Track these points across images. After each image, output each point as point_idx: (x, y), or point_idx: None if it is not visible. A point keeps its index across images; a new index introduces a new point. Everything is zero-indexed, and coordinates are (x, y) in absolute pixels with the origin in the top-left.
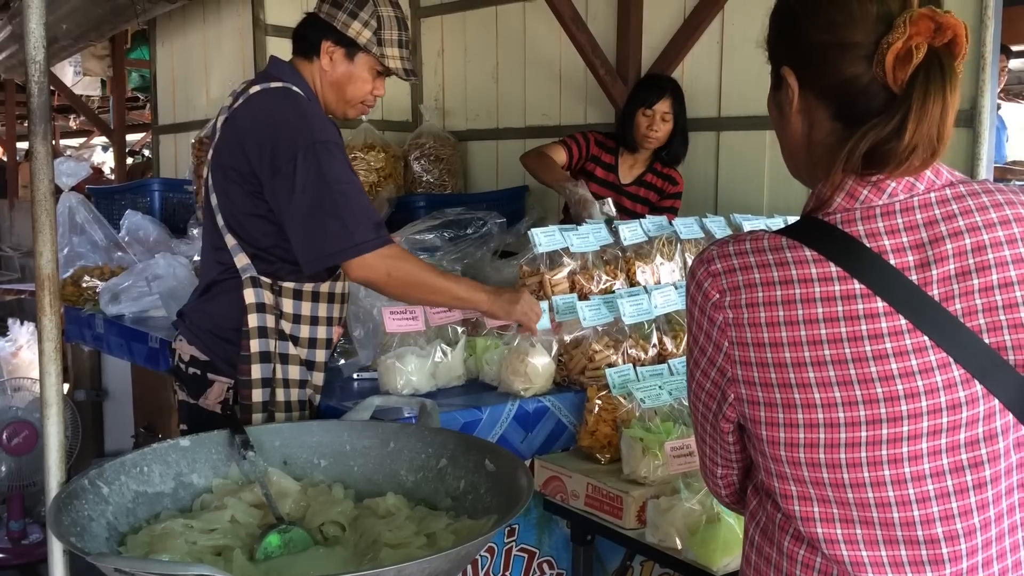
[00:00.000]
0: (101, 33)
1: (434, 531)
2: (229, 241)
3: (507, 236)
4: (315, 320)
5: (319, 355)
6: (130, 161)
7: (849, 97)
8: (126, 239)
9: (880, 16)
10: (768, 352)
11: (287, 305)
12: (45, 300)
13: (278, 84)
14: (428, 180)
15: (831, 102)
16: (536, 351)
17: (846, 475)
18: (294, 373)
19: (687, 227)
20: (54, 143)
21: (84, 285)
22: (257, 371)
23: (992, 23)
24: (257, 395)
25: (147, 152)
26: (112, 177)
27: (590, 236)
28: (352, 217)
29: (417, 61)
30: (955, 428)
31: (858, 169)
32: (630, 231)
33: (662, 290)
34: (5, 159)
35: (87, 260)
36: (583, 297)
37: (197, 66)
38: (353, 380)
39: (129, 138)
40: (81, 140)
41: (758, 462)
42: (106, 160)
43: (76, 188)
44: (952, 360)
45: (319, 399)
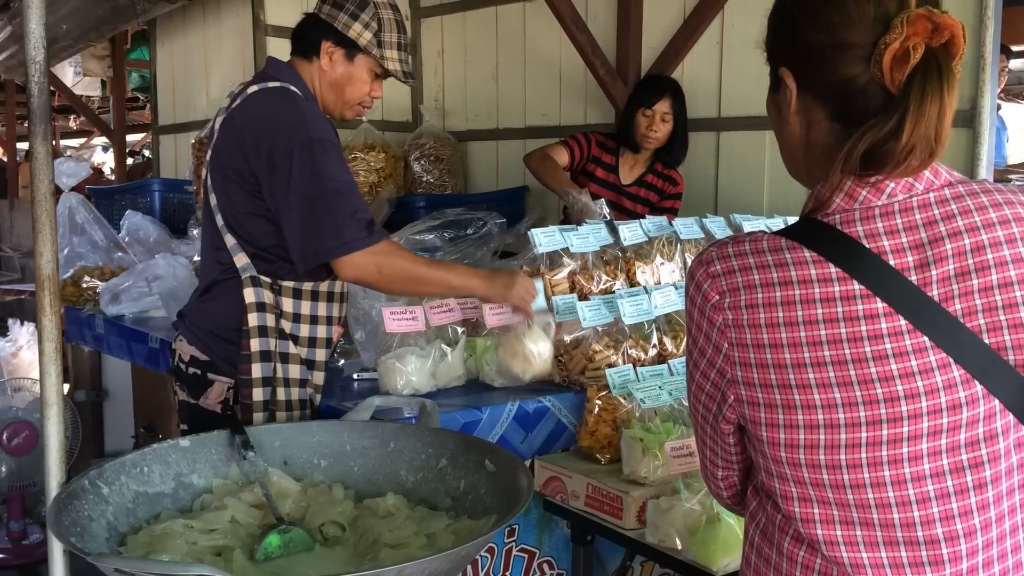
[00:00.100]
0: (101, 33)
1: (434, 531)
2: (229, 241)
3: (507, 236)
4: (315, 319)
5: (319, 354)
6: (130, 161)
7: (847, 98)
8: (126, 239)
9: (877, 17)
10: (768, 353)
11: (287, 304)
12: (45, 300)
13: (276, 84)
14: (428, 180)
15: (829, 103)
16: (534, 332)
17: (846, 476)
18: (294, 372)
19: (687, 227)
20: (54, 143)
21: (84, 285)
22: (258, 370)
23: (992, 23)
24: (258, 394)
25: (147, 152)
26: (112, 177)
27: (590, 236)
28: (344, 216)
29: (417, 61)
30: (955, 429)
31: (856, 170)
32: (630, 231)
33: (662, 290)
34: (5, 159)
35: (87, 260)
36: (583, 297)
37: (197, 66)
38: (353, 380)
39: (129, 138)
40: (81, 140)
41: (758, 463)
42: (106, 160)
43: (76, 188)
44: (952, 360)
45: (320, 398)
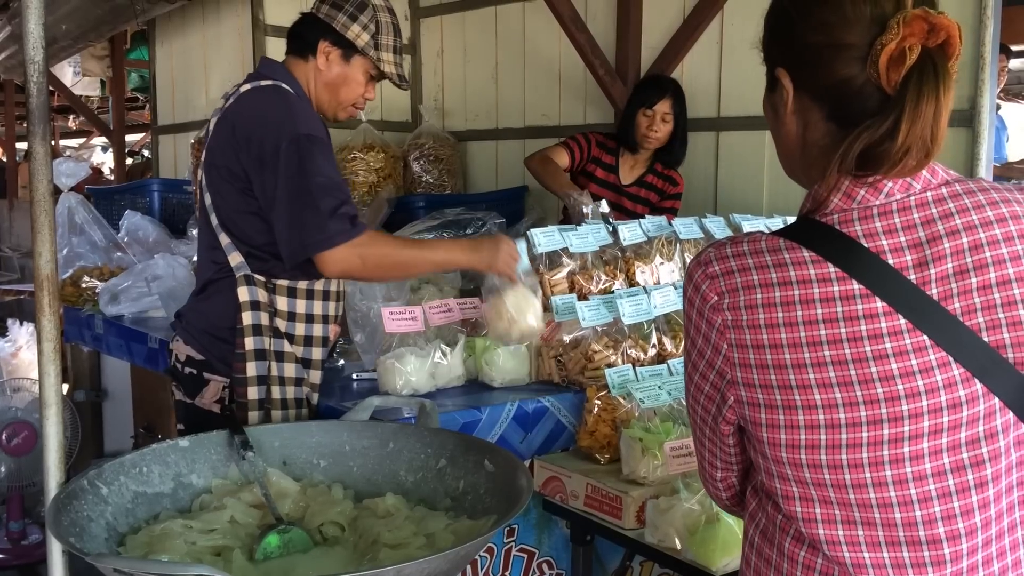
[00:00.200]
0: (100, 33)
1: (433, 531)
2: (223, 240)
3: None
4: (310, 318)
5: (315, 353)
6: (129, 161)
7: (843, 98)
8: (125, 239)
9: (874, 17)
10: (768, 354)
11: (281, 303)
12: (44, 300)
13: (268, 82)
14: (427, 180)
15: (825, 103)
16: (519, 291)
17: (848, 476)
18: (290, 371)
19: (686, 227)
20: (53, 143)
21: (83, 285)
22: (252, 368)
23: (991, 23)
24: (253, 393)
25: (146, 152)
26: (111, 177)
27: (589, 236)
28: (328, 210)
29: (416, 61)
30: (956, 427)
31: (853, 170)
32: (629, 231)
33: (661, 290)
34: (4, 159)
35: (86, 260)
36: (582, 297)
37: (196, 66)
38: (353, 380)
39: (128, 138)
40: (81, 140)
41: (758, 464)
42: (105, 160)
43: (75, 188)
44: (952, 359)
45: (317, 397)
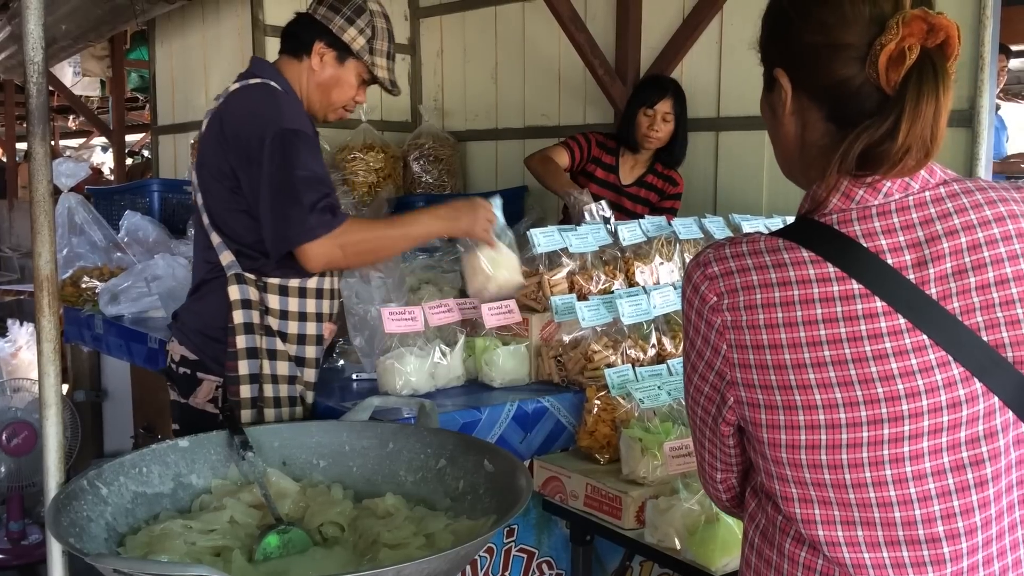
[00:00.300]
0: (100, 34)
1: (433, 531)
2: (215, 239)
3: None
4: (303, 316)
5: (309, 351)
6: (129, 162)
7: (842, 99)
8: (125, 240)
9: (873, 17)
10: (768, 354)
11: (273, 301)
12: (44, 301)
13: (256, 80)
14: (427, 180)
15: (824, 104)
16: (496, 247)
17: (848, 475)
18: (282, 369)
19: (686, 227)
20: (53, 143)
21: (83, 286)
22: (244, 367)
23: (991, 23)
24: (245, 391)
25: (146, 152)
26: (111, 177)
27: (589, 236)
28: (309, 203)
29: (416, 61)
30: (955, 426)
31: (852, 170)
32: (629, 231)
33: (661, 290)
34: (4, 160)
35: (86, 261)
36: (582, 297)
37: (196, 66)
38: (352, 380)
39: (128, 138)
40: (80, 140)
41: (758, 464)
42: (105, 160)
43: (75, 189)
44: (951, 358)
45: (311, 396)
